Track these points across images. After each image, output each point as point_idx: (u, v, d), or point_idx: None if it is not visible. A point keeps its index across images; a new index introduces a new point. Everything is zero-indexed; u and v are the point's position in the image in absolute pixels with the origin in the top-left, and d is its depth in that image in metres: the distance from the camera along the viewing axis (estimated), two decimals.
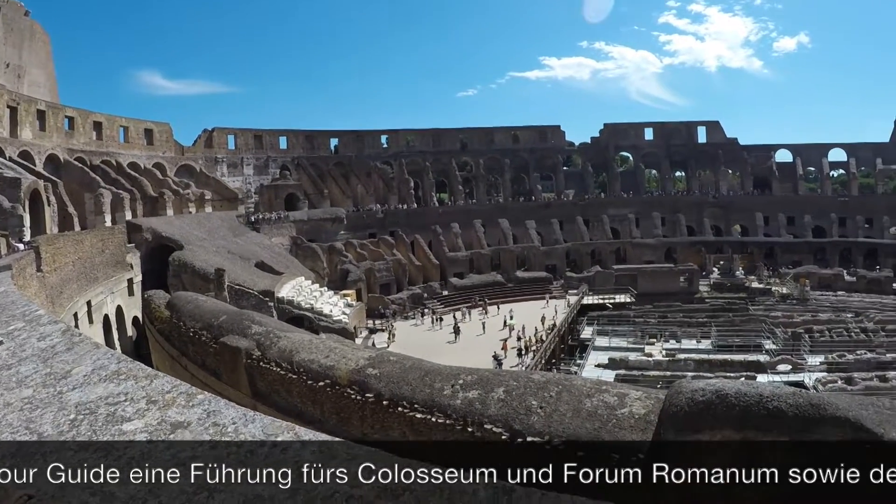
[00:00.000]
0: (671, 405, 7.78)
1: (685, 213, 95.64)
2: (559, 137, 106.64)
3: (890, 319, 58.10)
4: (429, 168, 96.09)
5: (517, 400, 10.00)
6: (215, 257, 48.84)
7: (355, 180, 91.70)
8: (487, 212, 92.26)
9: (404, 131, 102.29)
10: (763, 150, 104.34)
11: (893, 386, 39.69)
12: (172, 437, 3.05)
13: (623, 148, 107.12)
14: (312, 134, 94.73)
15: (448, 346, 53.79)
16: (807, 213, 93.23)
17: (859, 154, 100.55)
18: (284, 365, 12.63)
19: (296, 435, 3.04)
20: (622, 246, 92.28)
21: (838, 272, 79.01)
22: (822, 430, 6.87)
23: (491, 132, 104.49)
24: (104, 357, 4.09)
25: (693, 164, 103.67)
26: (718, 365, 45.02)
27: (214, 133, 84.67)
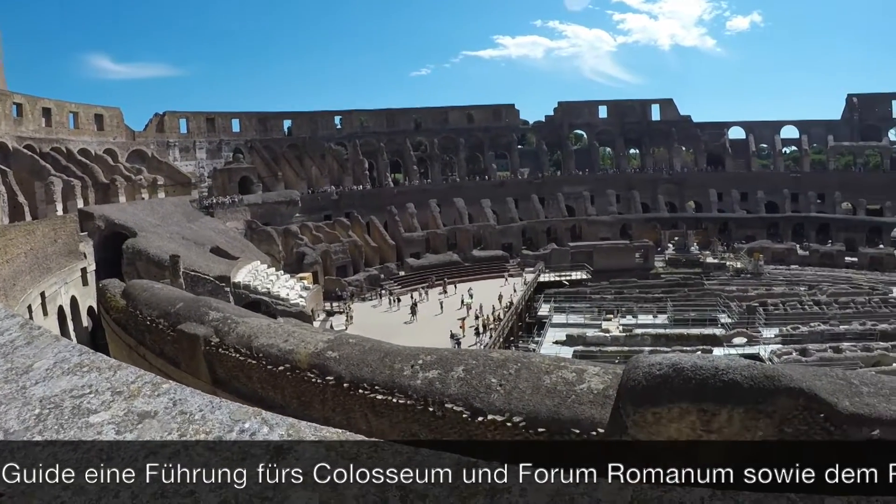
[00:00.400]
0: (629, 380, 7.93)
1: (640, 190, 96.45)
2: (513, 116, 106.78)
3: (842, 292, 59.32)
4: (383, 148, 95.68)
5: (477, 378, 10.11)
6: (170, 244, 48.26)
7: (309, 162, 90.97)
8: (443, 191, 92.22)
9: (358, 112, 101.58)
10: (716, 127, 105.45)
11: (847, 357, 40.63)
12: (140, 427, 3.07)
13: (577, 126, 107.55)
14: (265, 116, 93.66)
15: (406, 327, 53.95)
16: (760, 189, 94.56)
17: (811, 131, 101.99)
18: (243, 350, 12.59)
19: (262, 420, 3.07)
20: (578, 223, 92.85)
21: (791, 247, 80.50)
22: (777, 401, 7.04)
23: (445, 111, 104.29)
24: (65, 350, 4.07)
25: (647, 142, 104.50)
26: (675, 339, 45.71)
27: (166, 117, 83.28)
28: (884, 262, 73.74)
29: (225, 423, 3.08)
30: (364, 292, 68.49)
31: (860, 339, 45.19)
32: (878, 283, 65.52)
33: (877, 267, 73.35)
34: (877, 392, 7.45)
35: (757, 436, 7.24)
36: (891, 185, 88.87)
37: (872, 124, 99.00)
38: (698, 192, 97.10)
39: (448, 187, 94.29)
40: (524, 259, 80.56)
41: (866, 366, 37.84)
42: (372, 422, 10.53)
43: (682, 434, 7.54)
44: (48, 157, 60.60)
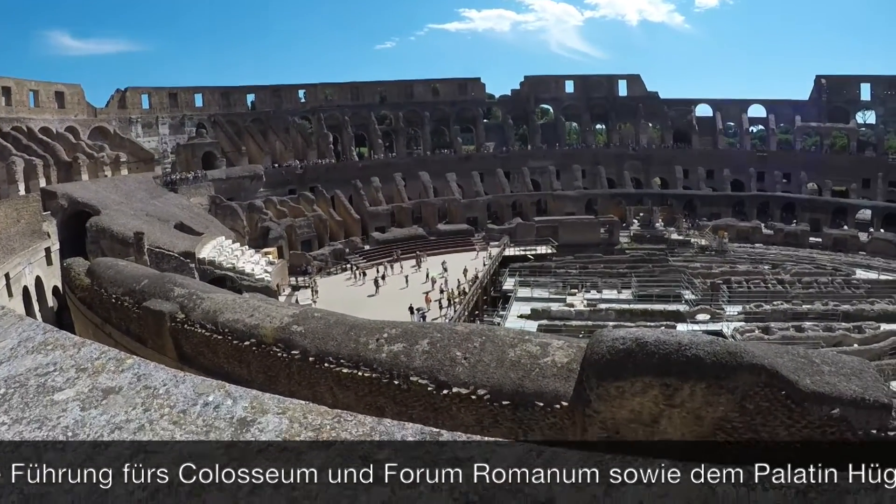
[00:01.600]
0: (592, 353, 8.05)
1: (606, 165, 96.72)
2: (479, 90, 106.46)
3: (806, 272, 60.15)
4: (348, 122, 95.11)
5: (442, 352, 10.20)
6: (134, 221, 47.81)
7: (273, 136, 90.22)
8: (408, 165, 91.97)
9: (322, 85, 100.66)
10: (683, 104, 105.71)
11: (809, 336, 41.23)
12: (105, 402, 3.10)
13: (544, 101, 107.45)
14: (228, 90, 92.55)
15: (371, 301, 54.02)
16: (726, 168, 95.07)
17: (779, 111, 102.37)
18: (209, 326, 12.59)
19: (226, 392, 3.11)
20: (543, 198, 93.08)
21: (756, 225, 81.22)
22: (739, 377, 7.19)
23: (410, 85, 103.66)
24: (30, 329, 4.07)
25: (614, 118, 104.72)
26: (639, 314, 46.18)
27: (127, 93, 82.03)
28: (847, 244, 74.48)
29: (189, 396, 3.12)
30: (329, 267, 68.38)
31: (822, 318, 45.78)
32: (842, 265, 66.52)
33: (840, 248, 74.13)
34: (837, 371, 7.63)
35: (718, 410, 7.39)
36: (857, 168, 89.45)
37: (840, 106, 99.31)
38: (664, 168, 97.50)
39: (413, 161, 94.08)
40: (489, 233, 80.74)
41: (828, 346, 38.46)
42: (338, 395, 10.59)
43: (645, 407, 7.67)
44: (9, 137, 59.72)
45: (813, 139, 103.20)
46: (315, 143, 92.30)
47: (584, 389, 7.92)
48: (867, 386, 7.48)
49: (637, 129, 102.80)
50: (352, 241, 76.18)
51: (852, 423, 7.10)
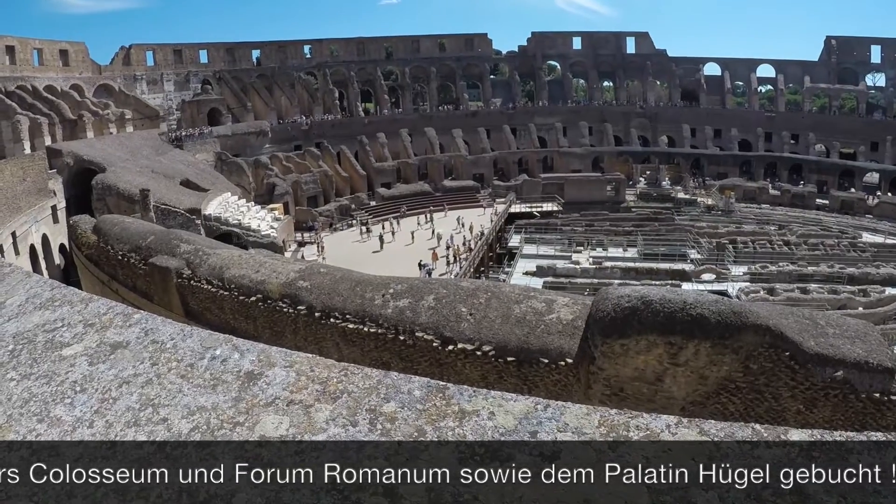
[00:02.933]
0: (598, 311, 8.05)
1: (612, 123, 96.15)
2: (486, 46, 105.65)
3: (812, 233, 59.65)
4: (354, 78, 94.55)
5: (447, 307, 10.21)
6: (139, 178, 47.84)
7: (279, 92, 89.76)
8: (414, 121, 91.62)
9: (328, 41, 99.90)
10: (692, 62, 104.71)
11: (814, 298, 41.04)
12: (112, 357, 3.12)
13: (551, 57, 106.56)
14: (233, 46, 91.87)
15: (377, 257, 54.19)
16: (734, 127, 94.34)
17: (788, 71, 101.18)
18: (215, 282, 12.61)
19: (234, 346, 3.13)
20: (549, 155, 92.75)
21: (763, 185, 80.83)
22: (743, 337, 7.20)
23: (417, 40, 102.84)
24: (37, 285, 4.09)
25: (621, 75, 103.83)
26: (644, 273, 46.10)
27: (132, 50, 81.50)
28: (854, 206, 74.07)
29: (196, 350, 3.13)
30: (335, 222, 68.43)
31: (827, 281, 45.58)
32: (848, 227, 66.00)
33: (847, 210, 73.72)
34: (842, 334, 7.62)
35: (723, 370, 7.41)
36: (865, 130, 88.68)
37: (850, 68, 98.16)
38: (671, 127, 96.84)
39: (419, 117, 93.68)
40: (495, 190, 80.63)
41: (833, 308, 38.32)
42: (343, 350, 10.64)
43: (649, 366, 7.70)
44: (13, 96, 59.48)
45: (822, 100, 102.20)
46: (321, 98, 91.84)
47: (589, 346, 7.94)
48: (871, 349, 7.48)
49: (644, 86, 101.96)
50: (358, 197, 76.12)
51: (855, 385, 7.11)
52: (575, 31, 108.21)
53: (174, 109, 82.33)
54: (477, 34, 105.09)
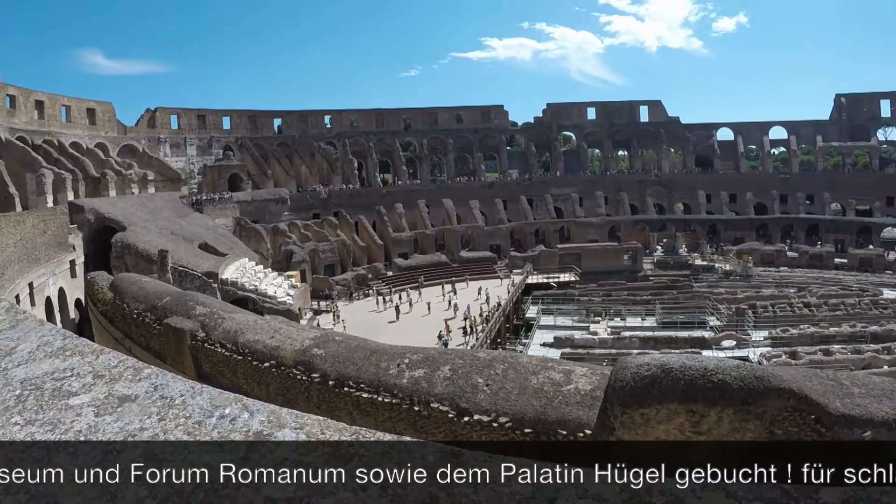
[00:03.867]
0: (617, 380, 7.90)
1: (628, 191, 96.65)
2: (502, 117, 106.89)
3: (832, 294, 59.26)
4: (372, 148, 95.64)
5: (463, 378, 10.07)
6: (158, 238, 48.12)
7: (299, 161, 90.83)
8: (431, 192, 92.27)
9: (348, 111, 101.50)
10: (705, 128, 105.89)
11: (837, 359, 40.51)
12: (120, 410, 3.05)
13: (566, 127, 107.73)
14: (256, 114, 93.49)
15: (392, 327, 53.83)
16: (748, 191, 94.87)
17: (800, 131, 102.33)
18: (229, 346, 12.54)
19: (243, 406, 3.05)
20: (566, 225, 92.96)
21: (780, 248, 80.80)
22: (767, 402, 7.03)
23: (434, 112, 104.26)
24: (49, 334, 4.05)
25: (635, 144, 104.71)
26: (663, 342, 45.65)
27: (157, 113, 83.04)
28: (873, 263, 74.06)
29: (205, 407, 3.05)
30: (352, 292, 68.37)
31: (850, 341, 45.20)
32: (868, 285, 65.72)
33: (866, 268, 73.72)
34: (868, 393, 7.45)
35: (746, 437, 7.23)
36: (880, 185, 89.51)
37: (861, 124, 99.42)
38: (687, 193, 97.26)
39: (437, 188, 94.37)
40: (512, 260, 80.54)
41: (857, 368, 37.83)
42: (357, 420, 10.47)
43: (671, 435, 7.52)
44: (40, 150, 60.62)
45: (835, 158, 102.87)
46: (340, 168, 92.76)
47: (608, 417, 7.75)
48: None
49: (659, 154, 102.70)
50: (374, 266, 76.18)
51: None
52: (589, 101, 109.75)
53: (196, 173, 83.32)
54: (493, 106, 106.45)
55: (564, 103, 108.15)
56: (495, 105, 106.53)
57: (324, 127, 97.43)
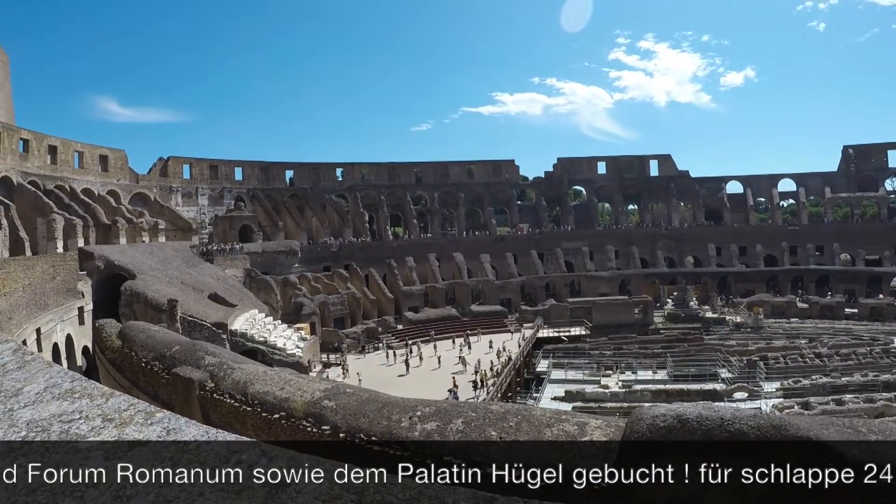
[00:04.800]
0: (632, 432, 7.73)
1: (639, 245, 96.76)
2: (513, 171, 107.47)
3: (843, 344, 59.18)
4: (384, 201, 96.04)
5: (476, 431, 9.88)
6: (168, 287, 48.09)
7: (310, 213, 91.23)
8: (442, 246, 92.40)
9: (360, 164, 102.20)
10: (714, 182, 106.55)
11: (850, 409, 40.34)
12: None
13: (576, 182, 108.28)
14: (268, 165, 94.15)
15: (402, 380, 53.51)
16: (758, 243, 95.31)
17: (808, 183, 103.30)
18: (238, 397, 12.38)
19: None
20: (577, 279, 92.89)
21: (791, 299, 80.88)
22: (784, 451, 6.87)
23: (445, 166, 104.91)
24: (57, 375, 3.93)
25: (646, 197, 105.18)
26: (675, 395, 45.36)
27: (170, 162, 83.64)
28: (884, 312, 74.10)
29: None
30: (361, 345, 68.06)
31: (863, 390, 45.12)
32: (879, 334, 66.12)
33: (877, 317, 73.79)
34: (886, 439, 7.32)
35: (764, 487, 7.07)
36: (888, 235, 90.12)
37: (869, 175, 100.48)
38: (697, 246, 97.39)
39: (447, 242, 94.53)
40: (523, 314, 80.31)
41: (870, 417, 37.46)
42: None
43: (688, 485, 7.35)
44: (51, 195, 60.91)
45: (843, 209, 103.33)
46: (351, 220, 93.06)
47: None
48: None
49: (669, 208, 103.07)
50: (385, 319, 75.97)
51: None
52: (599, 155, 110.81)
53: (207, 223, 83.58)
54: (504, 160, 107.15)
55: (575, 158, 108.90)
56: (506, 159, 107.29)
57: (335, 179, 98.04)
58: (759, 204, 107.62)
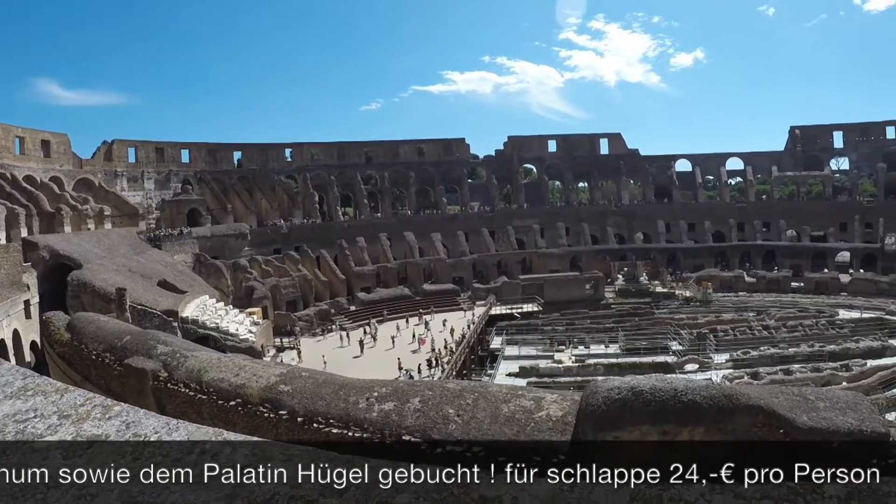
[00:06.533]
0: (588, 405, 7.80)
1: (589, 222, 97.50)
2: (464, 150, 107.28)
3: (790, 316, 60.96)
4: (334, 182, 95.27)
5: (434, 409, 9.89)
6: (116, 276, 47.22)
7: (259, 195, 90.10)
8: (393, 225, 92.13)
9: (309, 145, 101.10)
10: (663, 160, 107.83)
11: (797, 378, 41.65)
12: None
13: (527, 160, 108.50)
14: (215, 147, 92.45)
15: (356, 362, 53.47)
16: (707, 220, 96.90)
17: (756, 162, 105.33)
18: (193, 385, 12.22)
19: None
20: (528, 256, 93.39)
21: (739, 274, 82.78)
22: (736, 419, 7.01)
23: (396, 145, 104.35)
24: (8, 373, 3.82)
25: (596, 175, 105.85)
26: (627, 368, 46.07)
27: (114, 145, 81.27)
28: (829, 286, 76.66)
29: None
30: (314, 327, 67.72)
31: (809, 360, 46.77)
32: (825, 307, 68.16)
33: (822, 291, 76.33)
34: (833, 406, 7.48)
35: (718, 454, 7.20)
36: (833, 212, 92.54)
37: (814, 155, 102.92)
38: (646, 223, 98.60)
39: (398, 221, 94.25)
40: (475, 292, 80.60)
41: (817, 386, 38.48)
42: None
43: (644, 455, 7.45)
44: None
45: (790, 188, 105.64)
46: (301, 202, 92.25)
47: None
48: (863, 417, 7.33)
49: (619, 185, 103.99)
50: (337, 301, 75.66)
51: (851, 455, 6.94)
52: (550, 134, 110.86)
53: (154, 208, 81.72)
54: (455, 139, 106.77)
55: (525, 136, 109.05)
56: (457, 138, 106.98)
57: (284, 160, 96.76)
58: (708, 182, 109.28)
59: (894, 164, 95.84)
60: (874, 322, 59.33)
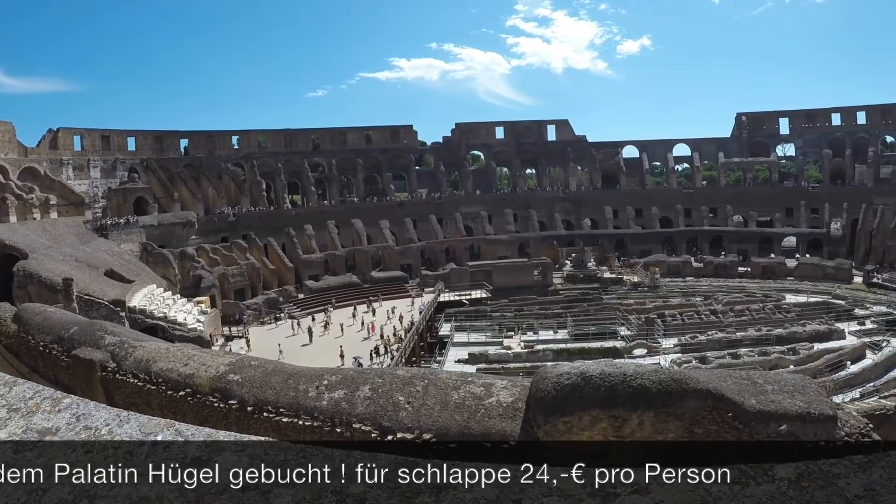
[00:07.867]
0: (538, 391, 7.91)
1: (537, 208, 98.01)
2: (411, 137, 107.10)
3: (737, 301, 61.77)
4: (281, 169, 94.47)
5: (384, 397, 9.94)
6: (62, 266, 46.48)
7: (206, 182, 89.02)
8: (341, 213, 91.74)
9: (255, 132, 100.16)
10: (611, 146, 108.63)
11: (745, 362, 42.31)
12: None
13: (475, 147, 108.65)
14: (161, 134, 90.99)
15: (306, 350, 53.33)
16: (654, 206, 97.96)
17: (702, 149, 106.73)
18: (142, 376, 12.13)
19: (176, 431, 2.88)
20: (476, 243, 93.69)
21: (686, 259, 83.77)
22: (685, 403, 7.15)
23: (343, 132, 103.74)
24: None
25: (543, 162, 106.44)
26: (576, 353, 46.24)
27: (59, 133, 79.50)
28: (775, 271, 77.78)
29: (135, 436, 2.87)
30: (263, 316, 67.29)
31: (757, 344, 47.37)
32: (771, 291, 69.38)
33: (769, 275, 77.33)
34: (781, 389, 7.66)
35: (668, 437, 7.33)
36: (779, 198, 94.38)
37: (761, 141, 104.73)
38: (594, 209, 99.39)
39: (346, 208, 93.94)
40: (424, 279, 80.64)
41: (765, 369, 39.16)
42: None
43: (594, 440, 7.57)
44: None
45: (736, 174, 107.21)
46: (248, 190, 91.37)
47: (531, 427, 7.75)
48: (811, 400, 7.56)
49: (566, 172, 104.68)
50: (285, 289, 75.22)
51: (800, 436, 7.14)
52: (497, 120, 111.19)
53: (100, 197, 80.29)
54: (402, 126, 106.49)
55: (473, 123, 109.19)
56: (404, 125, 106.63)
57: (231, 148, 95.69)
58: (655, 168, 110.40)
59: (839, 151, 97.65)
60: (820, 306, 60.54)
